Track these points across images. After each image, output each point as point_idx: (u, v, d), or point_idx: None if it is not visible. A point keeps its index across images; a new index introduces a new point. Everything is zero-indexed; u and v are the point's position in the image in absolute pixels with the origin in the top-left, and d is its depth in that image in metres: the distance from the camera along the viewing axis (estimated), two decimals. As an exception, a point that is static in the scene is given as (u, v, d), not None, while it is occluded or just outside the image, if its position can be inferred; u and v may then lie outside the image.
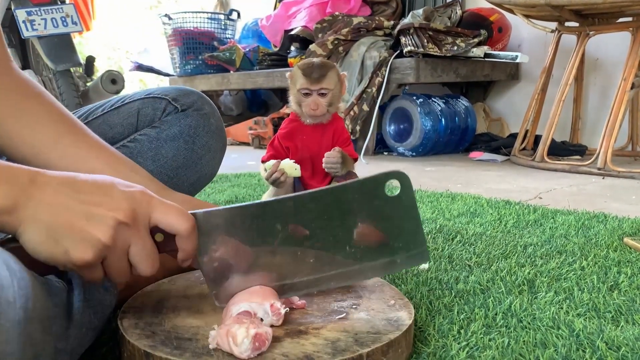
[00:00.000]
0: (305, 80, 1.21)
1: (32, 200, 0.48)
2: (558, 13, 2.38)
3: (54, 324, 0.50)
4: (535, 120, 2.76)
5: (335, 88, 1.23)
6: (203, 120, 0.87)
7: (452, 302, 0.82)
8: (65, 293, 0.57)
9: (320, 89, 1.21)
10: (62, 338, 0.52)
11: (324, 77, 1.21)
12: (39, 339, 0.46)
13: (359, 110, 2.92)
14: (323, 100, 1.22)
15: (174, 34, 4.12)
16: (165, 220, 0.54)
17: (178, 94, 0.87)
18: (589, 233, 1.24)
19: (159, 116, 0.86)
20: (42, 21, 2.70)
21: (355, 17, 3.27)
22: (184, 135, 0.85)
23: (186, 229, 0.55)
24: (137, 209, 0.52)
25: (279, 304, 0.62)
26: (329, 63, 1.25)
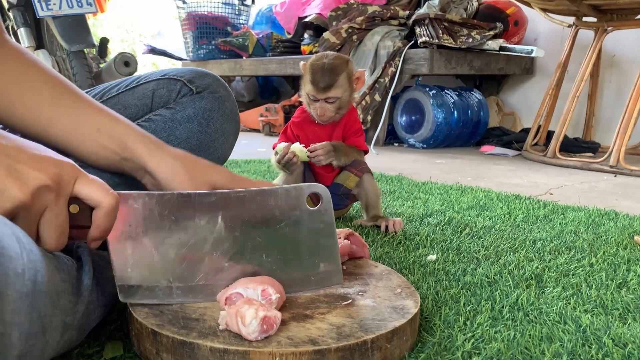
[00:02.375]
0: (312, 87, 1.19)
1: None
2: (576, 7, 2.34)
3: (62, 298, 0.51)
4: (549, 116, 2.74)
5: (345, 94, 1.20)
6: (218, 104, 0.87)
7: (459, 293, 0.82)
8: (75, 270, 0.58)
9: (327, 98, 1.19)
10: (70, 313, 0.53)
11: (331, 86, 1.18)
12: (47, 312, 0.47)
13: (370, 100, 2.91)
14: (330, 107, 1.20)
15: (187, 18, 4.11)
16: (88, 191, 0.52)
17: (193, 76, 0.87)
18: (599, 230, 1.23)
19: (173, 97, 0.86)
20: (57, 1, 2.70)
21: (370, 6, 3.24)
22: (199, 117, 0.84)
23: (109, 203, 0.53)
24: (63, 176, 0.50)
25: (272, 290, 0.62)
26: (340, 65, 1.20)
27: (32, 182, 0.47)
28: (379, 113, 2.92)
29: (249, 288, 0.62)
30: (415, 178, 1.92)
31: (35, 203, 0.48)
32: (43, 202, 0.49)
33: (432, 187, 1.74)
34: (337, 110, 1.21)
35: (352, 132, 1.27)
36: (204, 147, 0.86)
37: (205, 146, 0.86)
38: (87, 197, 0.53)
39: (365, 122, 2.91)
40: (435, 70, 2.83)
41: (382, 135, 2.99)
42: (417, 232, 1.19)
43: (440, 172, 2.13)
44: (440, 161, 2.51)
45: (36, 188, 0.48)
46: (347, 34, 3.07)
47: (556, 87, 2.70)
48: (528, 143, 2.71)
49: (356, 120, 1.29)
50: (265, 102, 4.09)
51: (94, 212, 0.53)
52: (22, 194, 0.47)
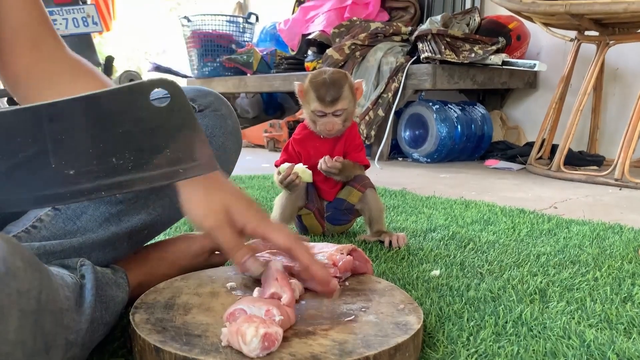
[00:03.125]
0: (319, 103, 1.20)
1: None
2: (578, 22, 2.36)
3: (65, 316, 0.51)
4: (553, 129, 2.74)
5: (350, 105, 1.22)
6: (220, 121, 0.88)
7: (463, 309, 0.82)
8: (78, 288, 0.58)
9: (335, 111, 1.21)
10: (74, 331, 0.53)
11: (338, 99, 1.19)
12: (50, 330, 0.47)
13: (374, 115, 2.92)
14: (338, 120, 1.22)
15: (192, 36, 4.16)
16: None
17: (196, 95, 0.87)
18: (603, 244, 1.23)
19: None
20: (63, 21, 2.74)
21: (373, 23, 3.27)
22: None
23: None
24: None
25: (276, 311, 0.62)
26: (341, 78, 1.22)
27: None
28: (382, 128, 2.93)
29: (254, 306, 0.62)
30: (419, 192, 1.92)
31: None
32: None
33: (436, 202, 1.74)
34: (343, 122, 1.23)
35: (353, 147, 1.28)
36: None
37: None
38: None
39: (369, 137, 2.92)
40: (438, 85, 2.84)
41: (386, 150, 3.00)
42: (421, 247, 1.19)
43: (444, 187, 2.13)
44: (444, 175, 2.51)
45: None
46: (350, 50, 3.09)
47: (560, 100, 2.70)
48: (532, 157, 2.71)
49: (357, 135, 1.30)
50: (270, 118, 4.12)
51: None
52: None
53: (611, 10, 2.16)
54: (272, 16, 4.62)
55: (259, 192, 1.88)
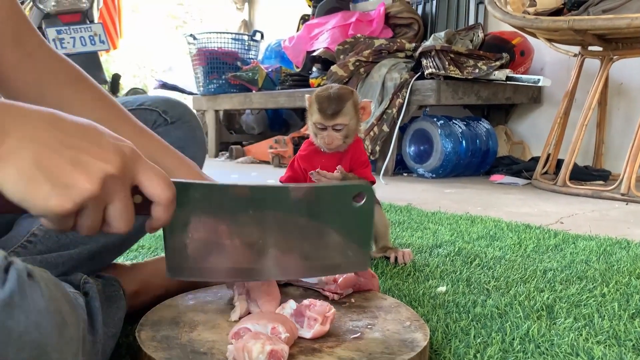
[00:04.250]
0: (320, 115, 1.21)
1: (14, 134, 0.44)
2: (581, 37, 2.37)
3: (86, 341, 0.52)
4: (558, 144, 2.74)
5: (352, 121, 1.22)
6: (190, 132, 0.90)
7: (469, 325, 0.81)
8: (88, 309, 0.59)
9: (335, 125, 1.21)
10: (93, 354, 0.55)
11: (339, 113, 1.19)
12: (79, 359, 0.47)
13: (379, 130, 2.93)
14: (338, 135, 1.21)
15: (198, 54, 4.20)
16: (149, 184, 0.51)
17: (167, 107, 0.90)
18: (610, 259, 1.22)
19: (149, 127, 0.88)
20: (71, 39, 2.78)
21: (377, 39, 3.30)
22: (174, 146, 0.87)
23: (167, 198, 0.52)
24: (126, 163, 0.49)
25: (282, 328, 0.62)
26: (345, 94, 1.22)
27: (98, 172, 0.46)
28: (387, 143, 2.94)
29: (259, 324, 0.62)
30: (424, 208, 1.92)
31: (103, 193, 0.47)
32: (109, 192, 0.48)
33: (441, 217, 1.73)
34: (344, 138, 1.22)
35: (359, 164, 1.28)
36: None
37: None
38: (147, 191, 0.51)
39: (374, 152, 2.92)
40: (442, 100, 2.85)
41: (390, 165, 3.00)
42: (427, 263, 1.18)
43: (449, 202, 2.13)
44: (449, 191, 2.50)
45: (103, 178, 0.46)
46: (354, 66, 3.11)
47: (564, 115, 2.70)
48: (538, 172, 2.71)
49: (363, 151, 1.30)
50: (275, 134, 4.14)
51: (153, 206, 0.52)
52: (91, 186, 0.45)
53: (614, 25, 2.17)
54: (277, 34, 4.67)
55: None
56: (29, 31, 0.72)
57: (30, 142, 0.43)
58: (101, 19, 3.53)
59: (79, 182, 0.45)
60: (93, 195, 0.45)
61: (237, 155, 4.05)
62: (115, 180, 0.47)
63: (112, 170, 0.46)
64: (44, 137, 0.44)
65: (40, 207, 0.44)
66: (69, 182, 0.44)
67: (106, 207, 0.48)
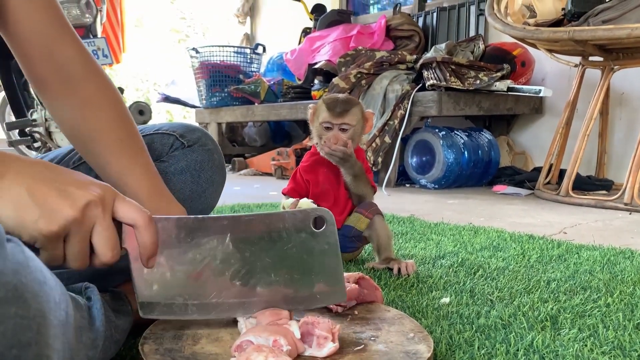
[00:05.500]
0: (328, 113, 1.22)
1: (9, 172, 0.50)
2: (582, 48, 2.38)
3: (83, 334, 0.54)
4: (560, 154, 2.74)
5: (358, 125, 1.23)
6: (207, 156, 0.91)
7: (473, 336, 0.81)
8: (87, 309, 0.59)
9: (342, 124, 1.22)
10: (91, 347, 0.56)
11: (347, 112, 1.21)
12: (73, 344, 0.49)
13: (381, 142, 2.93)
14: (343, 136, 1.22)
15: (201, 67, 4.22)
16: (125, 210, 0.56)
17: (184, 131, 0.91)
18: (614, 269, 1.22)
19: (166, 151, 0.90)
20: (75, 54, 2.78)
21: (378, 52, 3.32)
22: (190, 169, 0.89)
23: (143, 219, 0.57)
24: (105, 195, 0.55)
25: (283, 340, 0.62)
26: (353, 100, 1.26)
27: (80, 199, 0.52)
28: (389, 154, 2.95)
29: (261, 337, 0.62)
30: (427, 219, 1.92)
31: (85, 218, 0.53)
32: (92, 217, 0.53)
33: (444, 228, 1.73)
34: (349, 140, 1.23)
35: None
36: (195, 197, 0.90)
37: (197, 196, 0.90)
38: (124, 216, 0.57)
39: (376, 163, 2.93)
40: (444, 111, 2.86)
41: (393, 177, 3.00)
42: (430, 275, 1.18)
43: (452, 213, 2.13)
44: (452, 201, 2.50)
45: (84, 204, 0.52)
46: (356, 79, 3.13)
47: (566, 125, 2.70)
48: (540, 182, 2.71)
49: (364, 160, 1.31)
50: (277, 146, 4.15)
51: (135, 231, 0.57)
52: (73, 211, 0.51)
53: (615, 35, 2.18)
54: (279, 46, 4.70)
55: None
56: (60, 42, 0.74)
57: (23, 178, 0.51)
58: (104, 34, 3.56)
59: (64, 207, 0.51)
60: (75, 219, 0.51)
61: (240, 168, 4.06)
62: (96, 206, 0.53)
63: (92, 197, 0.53)
64: (34, 173, 0.52)
65: (31, 229, 0.50)
66: (54, 207, 0.51)
67: (91, 237, 0.54)
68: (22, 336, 0.39)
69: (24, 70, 0.76)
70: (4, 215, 0.49)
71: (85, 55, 0.77)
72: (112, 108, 0.77)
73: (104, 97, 0.77)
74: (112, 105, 0.78)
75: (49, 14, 0.73)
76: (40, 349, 0.41)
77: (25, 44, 0.73)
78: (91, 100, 0.76)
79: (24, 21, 0.71)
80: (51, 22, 0.73)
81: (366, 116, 1.25)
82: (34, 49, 0.73)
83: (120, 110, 0.78)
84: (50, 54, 0.73)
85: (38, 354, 0.40)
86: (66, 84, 0.75)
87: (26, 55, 0.74)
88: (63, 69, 0.74)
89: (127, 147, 0.76)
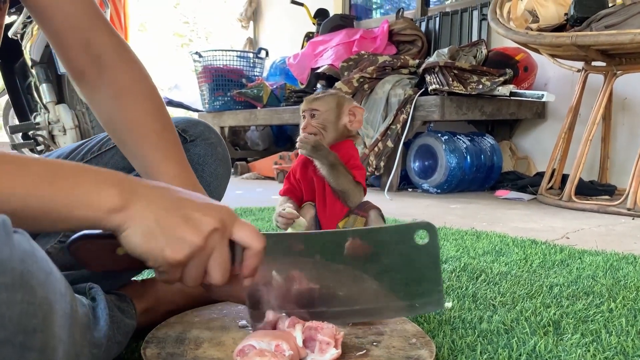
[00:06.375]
0: (303, 102, 1.26)
1: (140, 201, 0.52)
2: (584, 53, 2.38)
3: (87, 331, 0.54)
4: (563, 159, 2.73)
5: (329, 112, 1.23)
6: (210, 149, 0.91)
7: (475, 341, 0.81)
8: (91, 309, 0.60)
9: (311, 110, 1.24)
10: (95, 346, 0.56)
11: (318, 99, 1.24)
12: (78, 340, 0.49)
13: (383, 146, 2.94)
14: (313, 121, 1.24)
15: (204, 71, 4.23)
16: (243, 235, 0.58)
17: (186, 125, 0.91)
18: (617, 274, 1.21)
19: None
20: (78, 58, 2.79)
21: (381, 56, 3.32)
22: (194, 163, 0.88)
23: (258, 246, 0.58)
24: (226, 220, 0.56)
25: (285, 345, 0.62)
26: (334, 93, 1.27)
27: (205, 227, 0.54)
28: (391, 159, 2.95)
29: (263, 341, 0.62)
30: (429, 224, 1.91)
31: (207, 246, 0.54)
32: (213, 244, 0.55)
33: (447, 233, 1.73)
34: (321, 128, 1.23)
35: (349, 166, 1.24)
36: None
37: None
38: (241, 239, 0.58)
39: (378, 167, 2.93)
40: (446, 116, 2.86)
41: (395, 181, 3.00)
42: (432, 279, 1.18)
43: (455, 217, 2.13)
44: (454, 206, 2.50)
45: (209, 232, 0.54)
46: (358, 83, 3.13)
47: (569, 130, 2.70)
48: (543, 187, 2.70)
49: (353, 156, 1.26)
50: (280, 150, 4.15)
51: (245, 252, 0.59)
52: (198, 239, 0.53)
53: (617, 41, 2.18)
54: (282, 51, 4.71)
55: (269, 223, 1.89)
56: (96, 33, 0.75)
57: (151, 206, 0.52)
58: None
59: (189, 235, 0.53)
60: (199, 247, 0.53)
61: (242, 172, 4.06)
62: (218, 233, 0.55)
63: (216, 224, 0.54)
64: (161, 202, 0.53)
65: (157, 257, 0.52)
66: (181, 236, 0.52)
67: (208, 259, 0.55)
68: (28, 323, 0.39)
69: (62, 62, 0.77)
70: (134, 244, 0.51)
71: (121, 44, 0.78)
72: (148, 99, 0.78)
73: (140, 88, 0.78)
74: (148, 96, 0.78)
75: (83, 4, 0.74)
76: (46, 337, 0.41)
77: (61, 35, 0.74)
78: (128, 90, 0.76)
79: (59, 13, 0.72)
80: (85, 12, 0.74)
81: (352, 110, 1.24)
82: (70, 40, 0.74)
83: (156, 101, 0.79)
84: (86, 44, 0.74)
85: (44, 341, 0.40)
86: (103, 74, 0.75)
87: (63, 47, 0.74)
88: (100, 59, 0.75)
89: (163, 138, 0.77)
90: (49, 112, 2.98)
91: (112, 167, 0.89)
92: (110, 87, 0.76)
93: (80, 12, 0.73)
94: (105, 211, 0.50)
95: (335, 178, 1.21)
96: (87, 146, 0.91)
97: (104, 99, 0.76)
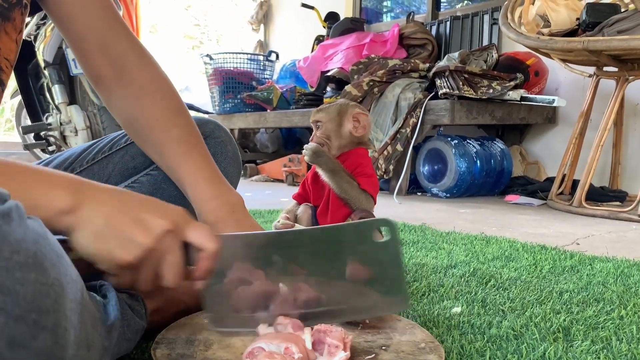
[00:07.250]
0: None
1: (90, 202, 0.52)
2: (596, 58, 2.37)
3: (98, 324, 0.54)
4: (573, 165, 2.72)
5: (330, 122, 1.24)
6: (221, 148, 0.91)
7: (484, 347, 0.80)
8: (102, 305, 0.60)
9: (316, 122, 1.26)
10: (107, 338, 0.56)
11: (321, 111, 1.26)
12: (89, 329, 0.49)
13: (392, 150, 2.93)
14: (317, 133, 1.26)
15: (214, 74, 4.25)
16: (197, 237, 0.58)
17: (197, 124, 0.91)
18: (628, 281, 1.20)
19: None
20: (91, 60, 2.82)
21: (391, 60, 3.32)
22: None
23: (213, 247, 0.58)
24: (179, 222, 0.56)
25: (295, 348, 0.62)
26: (337, 102, 1.29)
27: (156, 228, 0.54)
28: (401, 163, 2.94)
29: (273, 344, 0.62)
30: (439, 228, 1.91)
31: (159, 247, 0.54)
32: (165, 246, 0.55)
33: (456, 237, 1.72)
34: (325, 138, 1.24)
35: (358, 173, 1.24)
36: None
37: None
38: (195, 241, 0.58)
39: (387, 171, 2.93)
40: (456, 120, 2.85)
41: (404, 185, 3.00)
42: (442, 284, 1.18)
43: (464, 222, 2.12)
44: (464, 211, 2.49)
45: (160, 234, 0.54)
46: (368, 86, 3.13)
47: (580, 136, 2.69)
48: (553, 192, 2.69)
49: (365, 165, 1.26)
50: (289, 152, 4.16)
51: (200, 255, 0.59)
52: (149, 241, 0.53)
53: (630, 46, 2.17)
54: (292, 54, 4.72)
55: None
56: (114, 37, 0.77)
57: (102, 208, 0.52)
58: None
59: (139, 237, 0.52)
60: (151, 247, 0.53)
61: (251, 174, 4.07)
62: (170, 235, 0.54)
63: (167, 226, 0.54)
64: (112, 204, 0.53)
65: (107, 259, 0.52)
66: (130, 237, 0.52)
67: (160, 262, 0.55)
68: (41, 302, 0.40)
69: (81, 66, 0.78)
70: (83, 245, 0.51)
71: (139, 47, 0.79)
72: (168, 97, 0.78)
73: (160, 87, 0.79)
74: (167, 94, 0.79)
75: (102, 9, 0.75)
76: (58, 318, 0.41)
77: (81, 40, 0.75)
78: (147, 90, 0.77)
79: (78, 18, 0.73)
80: (105, 17, 0.75)
81: (355, 116, 1.24)
82: (90, 45, 0.75)
83: (175, 99, 0.79)
84: (105, 48, 0.75)
85: (55, 323, 0.41)
86: (122, 75, 0.76)
87: (82, 51, 0.76)
88: (119, 62, 0.76)
89: (185, 134, 0.78)
90: (61, 113, 3.00)
91: (122, 166, 0.90)
92: (129, 88, 0.77)
93: (100, 16, 0.75)
94: (56, 212, 0.50)
95: (336, 184, 1.22)
96: (97, 146, 0.92)
97: (123, 100, 0.77)
